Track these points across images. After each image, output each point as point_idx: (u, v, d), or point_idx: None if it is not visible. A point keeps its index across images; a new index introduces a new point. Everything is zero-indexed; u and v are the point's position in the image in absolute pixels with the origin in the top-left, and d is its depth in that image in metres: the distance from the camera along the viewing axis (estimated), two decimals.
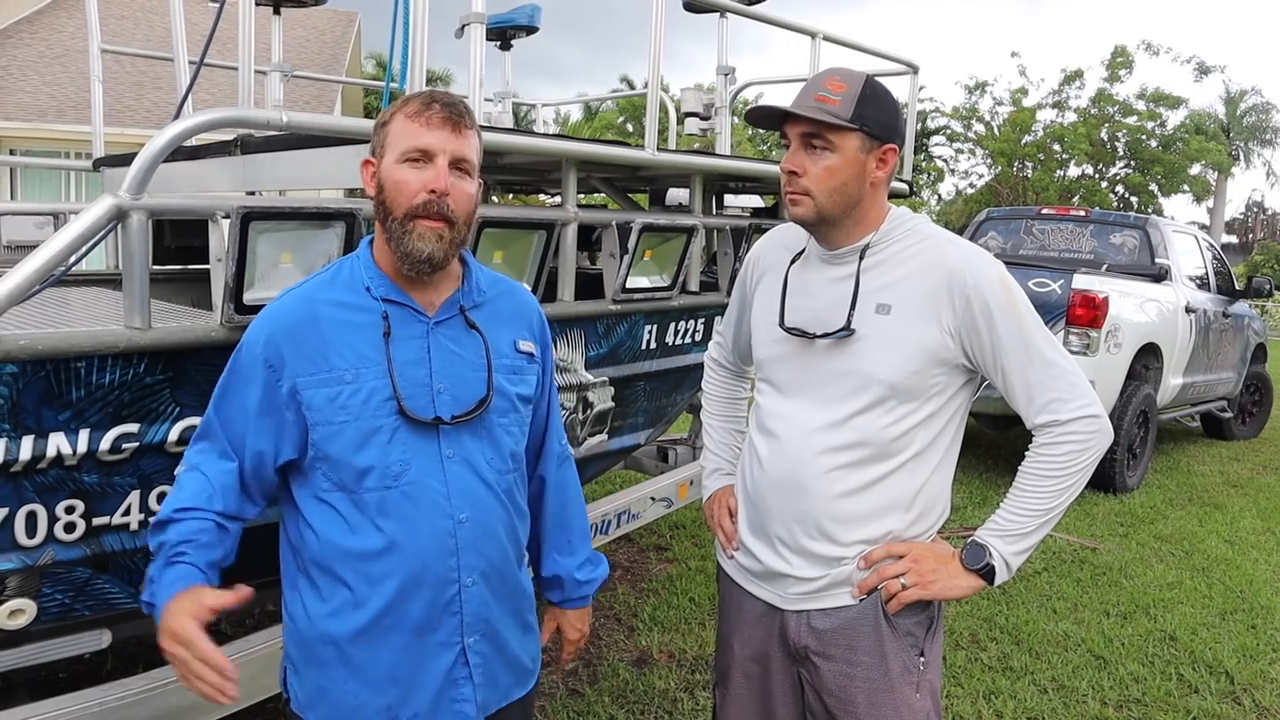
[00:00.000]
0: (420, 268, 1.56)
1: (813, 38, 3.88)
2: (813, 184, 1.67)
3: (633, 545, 5.11)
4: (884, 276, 1.71)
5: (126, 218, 1.94)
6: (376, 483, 1.55)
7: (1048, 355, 1.67)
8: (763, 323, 1.86)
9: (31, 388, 1.85)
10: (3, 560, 1.96)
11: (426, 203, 1.53)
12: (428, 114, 1.54)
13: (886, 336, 1.68)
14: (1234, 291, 8.73)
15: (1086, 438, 1.66)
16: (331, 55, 17.14)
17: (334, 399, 1.54)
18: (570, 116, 28.10)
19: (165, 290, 3.32)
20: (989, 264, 1.69)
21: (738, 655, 1.91)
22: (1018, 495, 1.72)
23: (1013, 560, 1.71)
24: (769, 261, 1.90)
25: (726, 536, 1.95)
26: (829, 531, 1.74)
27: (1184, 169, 25.17)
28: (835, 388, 1.72)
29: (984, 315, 1.65)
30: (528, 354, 1.73)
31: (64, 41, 15.26)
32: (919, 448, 1.72)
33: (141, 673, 2.21)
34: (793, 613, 1.80)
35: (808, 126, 1.66)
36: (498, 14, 4.56)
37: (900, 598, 1.72)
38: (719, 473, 2.10)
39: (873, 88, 1.68)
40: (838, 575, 1.75)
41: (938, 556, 1.74)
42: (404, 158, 1.54)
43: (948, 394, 1.73)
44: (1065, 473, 1.67)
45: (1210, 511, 6.50)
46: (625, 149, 3.26)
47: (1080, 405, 1.66)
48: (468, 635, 1.63)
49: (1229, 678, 3.86)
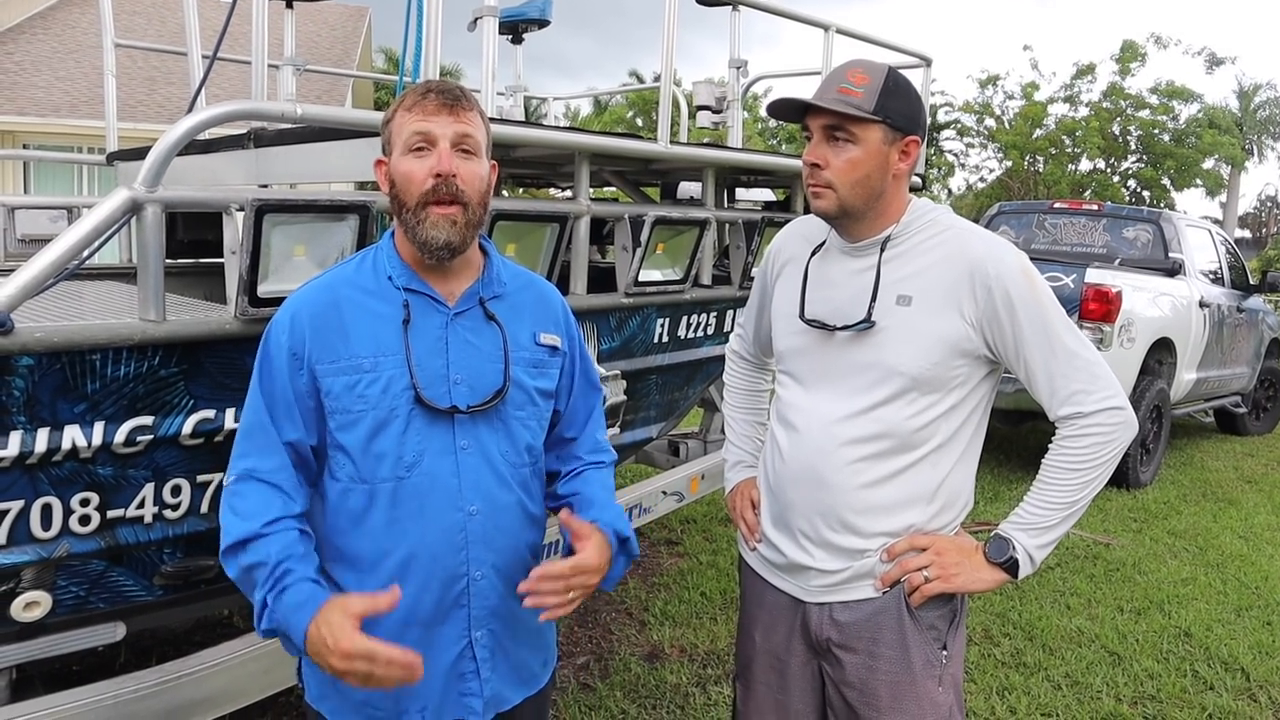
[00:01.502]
0: (440, 255, 1.56)
1: (825, 30, 3.86)
2: (835, 176, 1.66)
3: (644, 540, 5.10)
4: (905, 268, 1.70)
5: (141, 210, 1.94)
6: (390, 472, 1.55)
7: (1071, 346, 1.65)
8: (783, 314, 1.85)
9: (47, 380, 1.86)
10: (18, 553, 1.97)
11: (435, 187, 1.52)
12: (424, 102, 1.54)
13: (908, 328, 1.67)
14: (1248, 286, 8.67)
15: (1111, 430, 1.65)
16: (342, 50, 17.16)
17: (353, 387, 1.54)
18: (580, 111, 28.09)
19: (179, 283, 3.33)
20: (1011, 254, 1.68)
21: (759, 647, 1.90)
22: (1041, 488, 1.70)
23: (1036, 554, 1.69)
24: (790, 253, 1.90)
25: (749, 529, 1.94)
26: (851, 524, 1.73)
27: (1197, 163, 25.00)
28: (857, 379, 1.71)
29: (1006, 306, 1.64)
30: (550, 347, 1.71)
31: (77, 37, 15.31)
32: (941, 439, 1.71)
33: (155, 665, 2.22)
34: (815, 605, 1.79)
35: (830, 119, 1.65)
36: (510, 7, 4.55)
37: (923, 590, 1.71)
38: (741, 465, 2.09)
39: (895, 79, 1.66)
40: (860, 568, 1.74)
41: (960, 549, 1.73)
42: (408, 148, 1.54)
43: (970, 385, 1.72)
44: (1089, 465, 1.66)
45: (1224, 507, 6.46)
46: (638, 142, 3.25)
47: (1104, 397, 1.64)
48: (475, 629, 1.62)
49: (1244, 674, 3.83)
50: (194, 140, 2.08)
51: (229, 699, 2.30)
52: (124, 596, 2.26)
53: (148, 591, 2.28)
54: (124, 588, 2.24)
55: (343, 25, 18.37)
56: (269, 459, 1.55)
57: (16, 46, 14.76)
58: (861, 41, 4.11)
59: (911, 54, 4.37)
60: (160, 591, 2.31)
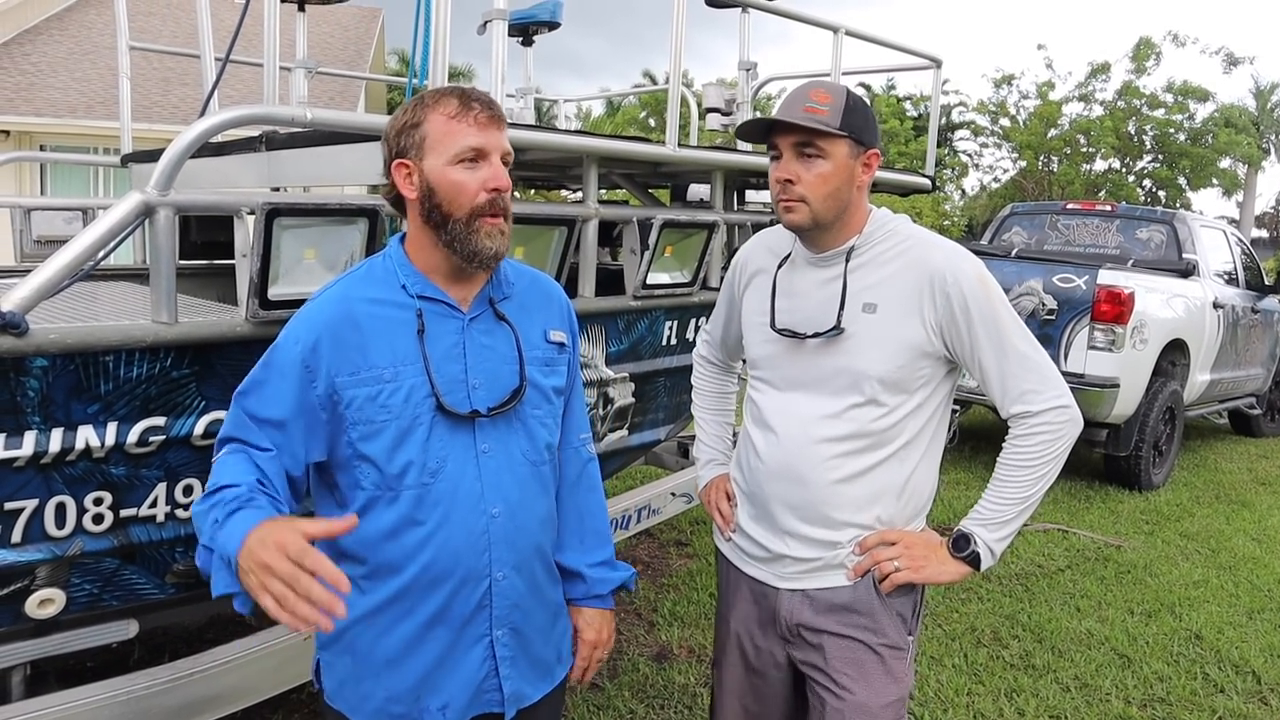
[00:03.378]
0: (488, 264, 1.60)
1: (835, 32, 3.87)
2: (808, 190, 1.75)
3: (653, 540, 5.12)
4: (869, 277, 1.79)
5: (154, 213, 1.97)
6: (414, 479, 1.56)
7: (1021, 349, 1.75)
8: (755, 324, 1.94)
9: (61, 381, 1.89)
10: (33, 551, 2.00)
11: (491, 201, 1.56)
12: (472, 114, 1.55)
13: (874, 334, 1.77)
14: (1263, 286, 8.61)
15: (1058, 428, 1.74)
16: (356, 51, 17.23)
17: (375, 398, 1.55)
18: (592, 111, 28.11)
19: (193, 285, 3.36)
20: (969, 262, 1.78)
21: (734, 631, 2.00)
22: (997, 485, 1.80)
23: (996, 546, 1.80)
24: (757, 264, 1.99)
25: (725, 519, 2.04)
26: (826, 516, 1.82)
27: (1213, 162, 24.81)
28: (829, 383, 1.81)
29: (963, 311, 1.74)
30: (558, 344, 1.75)
31: (93, 38, 15.42)
32: (908, 437, 1.81)
33: (168, 662, 2.25)
34: (788, 591, 1.89)
35: (800, 135, 1.74)
36: (520, 9, 4.57)
37: (893, 578, 1.81)
38: (714, 463, 2.20)
39: (853, 98, 1.76)
40: (833, 558, 1.84)
41: (927, 544, 1.84)
42: (458, 159, 1.55)
43: (933, 385, 1.82)
44: (1040, 461, 1.75)
45: (1237, 509, 6.43)
46: (646, 145, 3.26)
47: (1052, 396, 1.75)
48: (496, 628, 1.65)
49: (1256, 677, 3.82)
50: (207, 143, 2.10)
51: (241, 696, 2.33)
52: (136, 594, 2.29)
53: (160, 589, 2.31)
54: (136, 585, 2.27)
55: (356, 27, 18.44)
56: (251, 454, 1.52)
57: (34, 48, 14.88)
58: (871, 43, 4.12)
59: (922, 55, 4.37)
60: (172, 589, 2.34)
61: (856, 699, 1.81)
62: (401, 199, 1.61)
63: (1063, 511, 6.15)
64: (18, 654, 2.17)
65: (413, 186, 1.58)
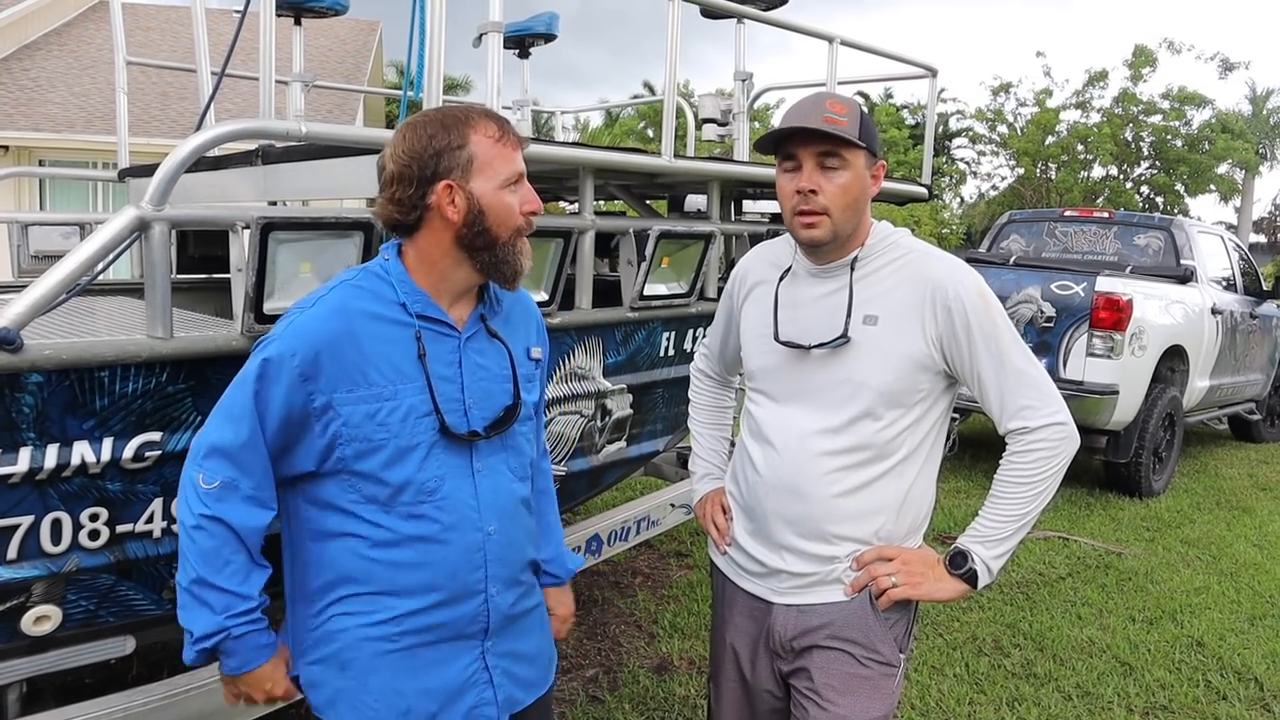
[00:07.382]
0: (519, 281, 1.64)
1: (830, 43, 3.87)
2: (830, 201, 1.73)
3: (653, 551, 5.11)
4: (871, 289, 1.79)
5: (148, 229, 1.97)
6: (411, 498, 1.56)
7: (1019, 365, 1.75)
8: (755, 336, 1.93)
9: (56, 396, 1.88)
10: (28, 567, 1.99)
11: (529, 223, 1.61)
12: (509, 137, 1.59)
13: (875, 346, 1.76)
14: (1262, 292, 8.61)
15: (1055, 444, 1.74)
16: (354, 64, 17.25)
17: (373, 415, 1.54)
18: (590, 123, 28.15)
19: (190, 299, 3.36)
20: (969, 277, 1.77)
21: (729, 646, 1.99)
22: (994, 502, 1.79)
23: (993, 564, 1.78)
24: (757, 276, 1.97)
25: (720, 533, 2.02)
26: (825, 531, 1.81)
27: (1210, 168, 24.84)
28: (830, 395, 1.79)
29: (963, 325, 1.73)
30: (536, 360, 1.77)
31: (92, 53, 15.45)
32: (908, 450, 1.80)
33: (166, 678, 2.24)
34: (783, 605, 1.87)
35: (824, 145, 1.72)
36: (515, 22, 4.58)
37: (890, 594, 1.79)
38: (709, 477, 2.18)
39: (863, 110, 1.77)
40: (829, 573, 1.83)
41: (924, 561, 1.82)
42: (507, 182, 1.57)
43: (932, 398, 1.81)
44: (1037, 478, 1.74)
45: (1238, 515, 6.42)
46: (642, 157, 3.26)
47: (1050, 413, 1.74)
48: (489, 640, 1.67)
49: (1258, 684, 3.81)
50: (203, 157, 2.10)
51: (238, 711, 2.31)
52: (133, 610, 2.28)
53: (157, 605, 2.30)
54: (133, 601, 2.26)
55: (354, 39, 18.47)
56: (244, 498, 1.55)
57: (33, 63, 14.91)
58: (867, 52, 4.12)
59: (917, 64, 4.38)
60: (170, 605, 2.33)
61: (840, 712, 1.80)
62: (400, 220, 1.58)
63: (1063, 519, 6.14)
64: (14, 671, 2.16)
65: (456, 209, 1.55)
